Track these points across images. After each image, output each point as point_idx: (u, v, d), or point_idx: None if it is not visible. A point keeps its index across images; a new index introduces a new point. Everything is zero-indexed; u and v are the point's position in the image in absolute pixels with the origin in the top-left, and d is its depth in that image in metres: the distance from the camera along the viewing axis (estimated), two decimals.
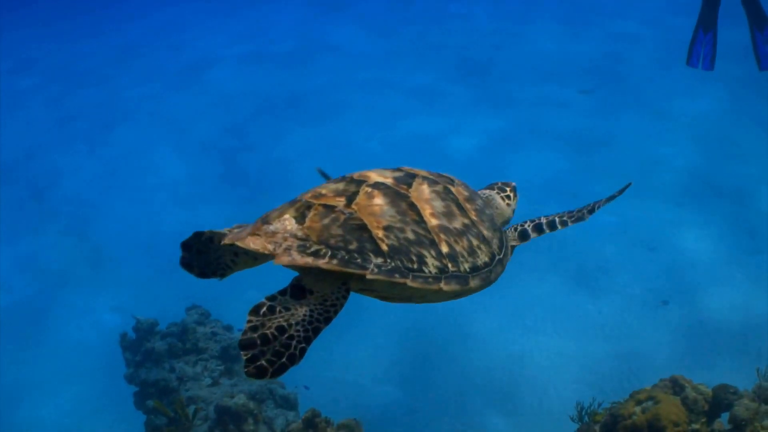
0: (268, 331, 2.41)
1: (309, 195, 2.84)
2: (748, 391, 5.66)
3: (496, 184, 3.61)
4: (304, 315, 2.50)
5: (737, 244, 10.42)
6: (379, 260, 2.62)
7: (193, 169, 12.87)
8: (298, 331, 2.45)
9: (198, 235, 3.03)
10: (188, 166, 12.74)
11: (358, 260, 2.58)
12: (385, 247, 2.65)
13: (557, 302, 9.72)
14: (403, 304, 2.98)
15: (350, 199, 2.77)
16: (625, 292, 9.82)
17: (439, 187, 3.01)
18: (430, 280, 2.69)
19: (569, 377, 9.00)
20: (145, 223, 11.56)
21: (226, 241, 2.71)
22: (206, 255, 3.06)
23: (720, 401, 5.51)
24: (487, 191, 3.56)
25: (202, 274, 3.08)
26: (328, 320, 2.54)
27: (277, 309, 2.49)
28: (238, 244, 2.63)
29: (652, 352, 9.02)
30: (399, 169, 3.11)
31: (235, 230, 2.91)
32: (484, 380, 9.07)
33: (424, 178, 3.04)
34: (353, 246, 2.61)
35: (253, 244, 2.60)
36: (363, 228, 2.68)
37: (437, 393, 8.99)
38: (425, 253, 2.73)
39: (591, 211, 3.46)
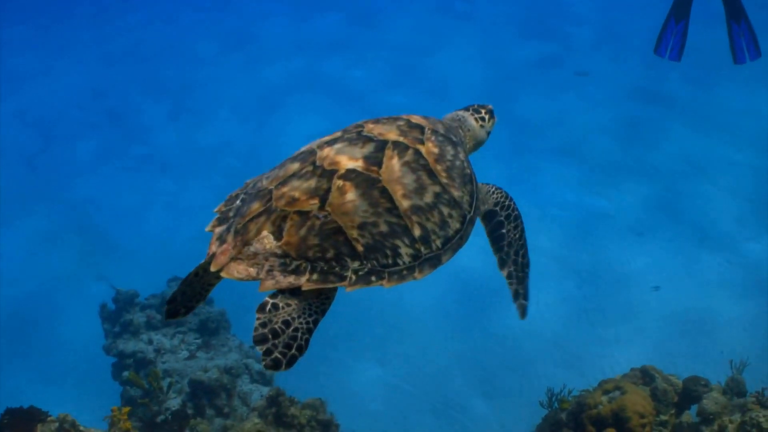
0: (276, 326, 2.64)
1: (283, 201, 2.84)
2: (720, 384, 5.60)
3: (472, 106, 3.68)
4: (304, 309, 2.71)
5: None
6: (356, 264, 2.76)
7: (185, 139, 12.79)
8: (301, 323, 2.67)
9: (182, 288, 3.20)
10: (179, 137, 12.64)
11: (336, 269, 2.74)
12: (360, 248, 2.77)
13: (542, 285, 9.65)
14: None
15: (323, 199, 2.81)
16: (610, 277, 9.75)
17: (408, 156, 3.02)
18: (405, 272, 2.84)
19: (551, 361, 8.98)
20: (134, 193, 11.50)
21: (212, 269, 2.78)
22: (190, 291, 3.21)
23: (690, 393, 5.46)
24: (462, 113, 3.63)
25: (189, 309, 3.28)
26: (324, 312, 2.77)
27: (280, 305, 2.69)
28: (224, 274, 2.76)
29: (638, 338, 8.99)
30: (369, 136, 3.08)
31: (217, 231, 2.97)
32: (465, 360, 9.06)
33: (395, 145, 3.04)
34: (330, 254, 2.74)
35: (237, 273, 2.73)
36: (338, 231, 2.76)
37: (418, 371, 8.99)
38: (399, 243, 2.84)
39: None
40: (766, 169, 11.29)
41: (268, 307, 2.68)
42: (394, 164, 2.97)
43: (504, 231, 3.35)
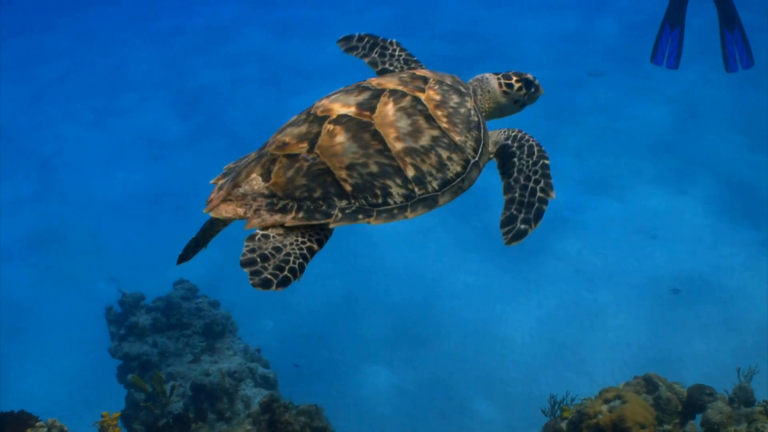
0: (266, 251, 2.61)
1: (273, 146, 2.90)
2: (725, 393, 5.46)
3: (510, 71, 3.50)
4: (297, 237, 2.69)
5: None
6: (344, 203, 2.76)
7: (195, 138, 12.83)
8: (293, 249, 2.64)
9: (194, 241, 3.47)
10: (190, 135, 12.66)
11: (323, 208, 2.73)
12: (348, 188, 2.76)
13: (553, 288, 9.52)
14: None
15: (312, 142, 2.84)
16: (623, 281, 9.57)
17: (405, 102, 2.99)
18: (395, 211, 2.81)
19: (560, 365, 8.85)
20: (145, 192, 11.55)
21: (204, 211, 2.88)
22: (202, 240, 3.46)
23: (695, 402, 5.32)
24: (489, 74, 3.47)
25: (194, 254, 3.51)
26: (320, 243, 2.75)
27: (271, 236, 2.69)
28: (213, 215, 2.82)
29: (648, 344, 8.82)
30: (366, 86, 3.09)
31: (220, 183, 3.07)
32: (473, 364, 8.95)
33: (392, 92, 3.02)
34: (318, 193, 2.75)
35: (225, 212, 2.78)
36: (326, 172, 2.77)
37: (426, 375, 8.91)
38: (390, 183, 2.81)
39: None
40: None
41: (258, 236, 2.69)
42: (388, 109, 2.95)
43: (515, 159, 3.13)
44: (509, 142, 3.19)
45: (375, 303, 9.55)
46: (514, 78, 3.43)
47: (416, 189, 2.85)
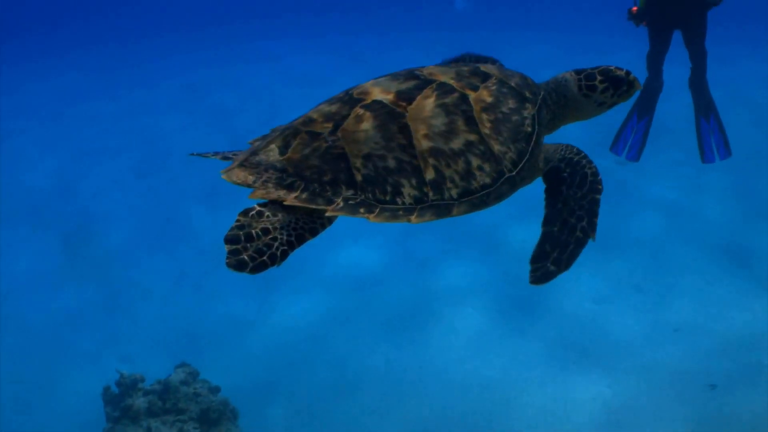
0: (253, 231, 2.51)
1: (301, 120, 2.83)
2: None
3: (596, 69, 3.08)
4: (290, 221, 2.58)
5: None
6: (349, 192, 2.63)
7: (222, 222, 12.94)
8: (282, 234, 2.54)
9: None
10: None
11: (328, 193, 2.61)
12: (359, 178, 2.64)
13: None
14: None
15: (338, 124, 2.74)
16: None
17: (450, 98, 2.79)
18: (400, 212, 2.64)
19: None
20: (167, 273, 11.61)
21: (221, 173, 2.79)
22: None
23: None
24: (570, 75, 3.10)
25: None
26: (313, 232, 2.62)
27: (266, 214, 2.59)
28: (224, 177, 2.73)
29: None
30: (416, 74, 2.90)
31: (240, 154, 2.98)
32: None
33: (440, 86, 2.83)
34: (327, 177, 2.64)
35: (237, 177, 2.69)
36: (342, 157, 2.66)
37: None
38: (404, 181, 2.66)
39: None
40: None
41: (253, 213, 2.60)
42: (427, 103, 2.77)
43: (564, 187, 2.85)
44: (562, 165, 2.90)
45: (403, 395, 8.94)
46: (599, 78, 3.03)
47: (431, 193, 2.67)
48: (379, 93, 2.80)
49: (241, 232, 2.50)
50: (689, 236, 10.72)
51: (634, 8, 8.53)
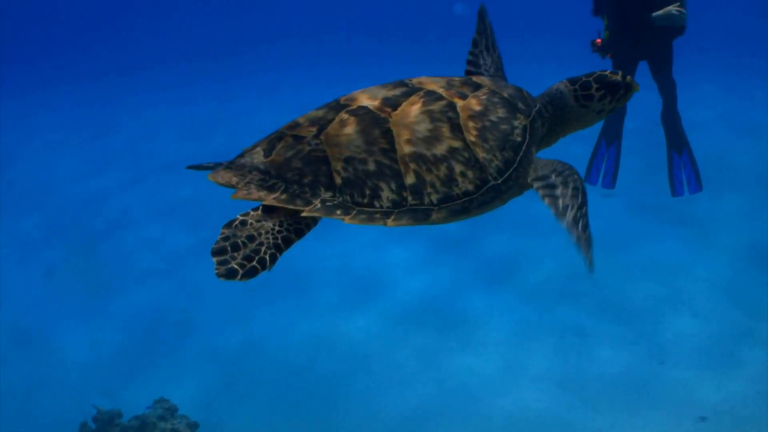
0: (238, 240, 2.55)
1: (288, 125, 2.88)
2: None
3: (590, 75, 3.01)
4: (274, 225, 2.63)
5: None
6: (328, 194, 2.66)
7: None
8: (267, 238, 2.57)
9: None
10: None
11: (307, 195, 2.65)
12: (338, 181, 2.66)
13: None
14: None
15: (322, 128, 2.77)
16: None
17: (436, 105, 2.79)
18: (377, 215, 2.65)
19: None
20: (170, 311, 11.42)
21: (208, 176, 2.81)
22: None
23: None
24: (564, 86, 3.03)
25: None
26: (299, 232, 2.66)
27: (249, 222, 2.63)
28: (210, 178, 2.77)
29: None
30: (406, 83, 2.94)
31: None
32: None
33: (427, 93, 2.84)
34: (308, 179, 2.67)
35: (222, 178, 2.74)
36: (323, 160, 2.69)
37: None
38: (383, 185, 2.66)
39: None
40: None
41: (236, 223, 2.64)
42: (412, 109, 2.77)
43: (558, 187, 2.74)
44: (550, 173, 2.82)
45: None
46: (595, 86, 2.99)
47: (410, 198, 2.67)
48: (366, 99, 2.84)
49: (227, 243, 2.53)
50: None
51: (598, 40, 8.35)
